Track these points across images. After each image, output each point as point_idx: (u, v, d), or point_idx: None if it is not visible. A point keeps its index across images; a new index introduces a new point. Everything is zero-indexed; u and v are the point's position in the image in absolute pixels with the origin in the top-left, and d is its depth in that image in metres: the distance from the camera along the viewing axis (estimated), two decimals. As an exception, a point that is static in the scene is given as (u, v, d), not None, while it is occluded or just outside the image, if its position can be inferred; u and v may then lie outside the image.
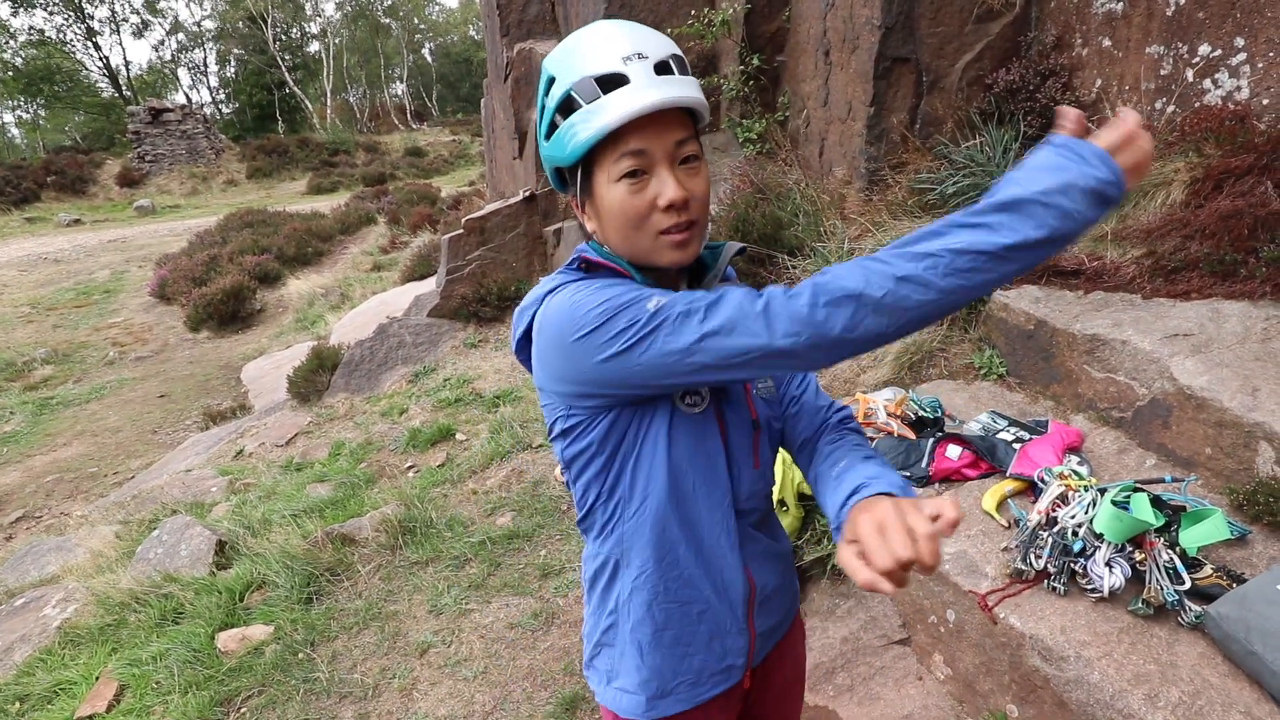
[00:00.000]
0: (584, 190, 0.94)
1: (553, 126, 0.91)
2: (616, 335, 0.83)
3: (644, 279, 0.97)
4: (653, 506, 0.99)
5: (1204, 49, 3.15)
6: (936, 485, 2.43)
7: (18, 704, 2.73)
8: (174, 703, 2.56)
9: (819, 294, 0.76)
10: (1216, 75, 3.12)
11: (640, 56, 0.86)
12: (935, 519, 0.73)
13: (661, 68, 0.87)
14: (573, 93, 0.87)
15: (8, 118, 44.03)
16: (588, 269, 0.97)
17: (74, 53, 37.75)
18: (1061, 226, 0.72)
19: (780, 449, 1.19)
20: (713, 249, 1.06)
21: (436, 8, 52.75)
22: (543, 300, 0.95)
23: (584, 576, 1.15)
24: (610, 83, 0.85)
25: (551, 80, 0.90)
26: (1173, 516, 1.93)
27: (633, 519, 1.01)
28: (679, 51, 0.91)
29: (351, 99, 45.19)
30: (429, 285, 7.88)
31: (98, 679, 2.76)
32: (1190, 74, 3.22)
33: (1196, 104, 3.20)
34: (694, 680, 1.08)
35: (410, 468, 4.40)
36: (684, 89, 0.87)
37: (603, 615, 1.10)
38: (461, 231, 6.80)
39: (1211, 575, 1.79)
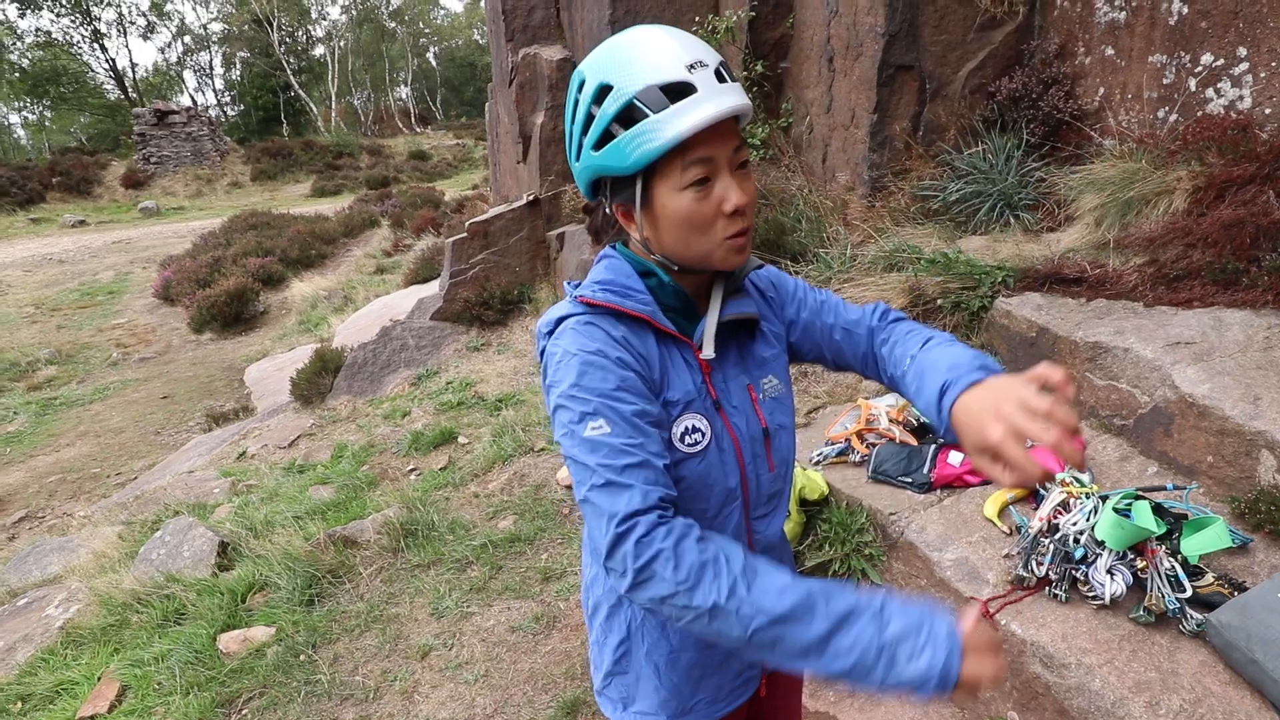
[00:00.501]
0: (642, 199, 0.93)
1: (607, 136, 0.88)
2: (560, 427, 0.91)
3: (671, 290, 0.99)
4: None
5: (1207, 58, 3.16)
6: (938, 491, 2.44)
7: (20, 703, 2.73)
8: (175, 703, 2.57)
9: (673, 574, 0.80)
10: (1219, 85, 3.13)
11: (702, 65, 0.86)
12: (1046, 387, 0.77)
13: (720, 75, 0.87)
14: (636, 101, 0.85)
15: (14, 119, 44.25)
16: (591, 309, 0.96)
17: (80, 54, 37.94)
18: (856, 675, 0.77)
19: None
20: None
21: (441, 12, 52.98)
22: (552, 332, 0.97)
23: (586, 604, 1.15)
24: (677, 92, 0.84)
25: (604, 88, 0.87)
26: (1174, 524, 1.94)
27: None
28: (723, 59, 0.92)
29: (356, 102, 45.34)
30: (432, 288, 7.90)
31: (99, 679, 2.76)
32: (1193, 83, 3.23)
33: (1199, 113, 3.21)
34: (713, 697, 1.08)
35: (412, 470, 4.41)
36: (740, 96, 0.88)
37: (612, 643, 1.10)
38: (465, 235, 6.82)
39: (1213, 583, 1.79)
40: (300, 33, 42.25)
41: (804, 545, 2.56)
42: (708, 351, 0.99)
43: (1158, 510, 1.95)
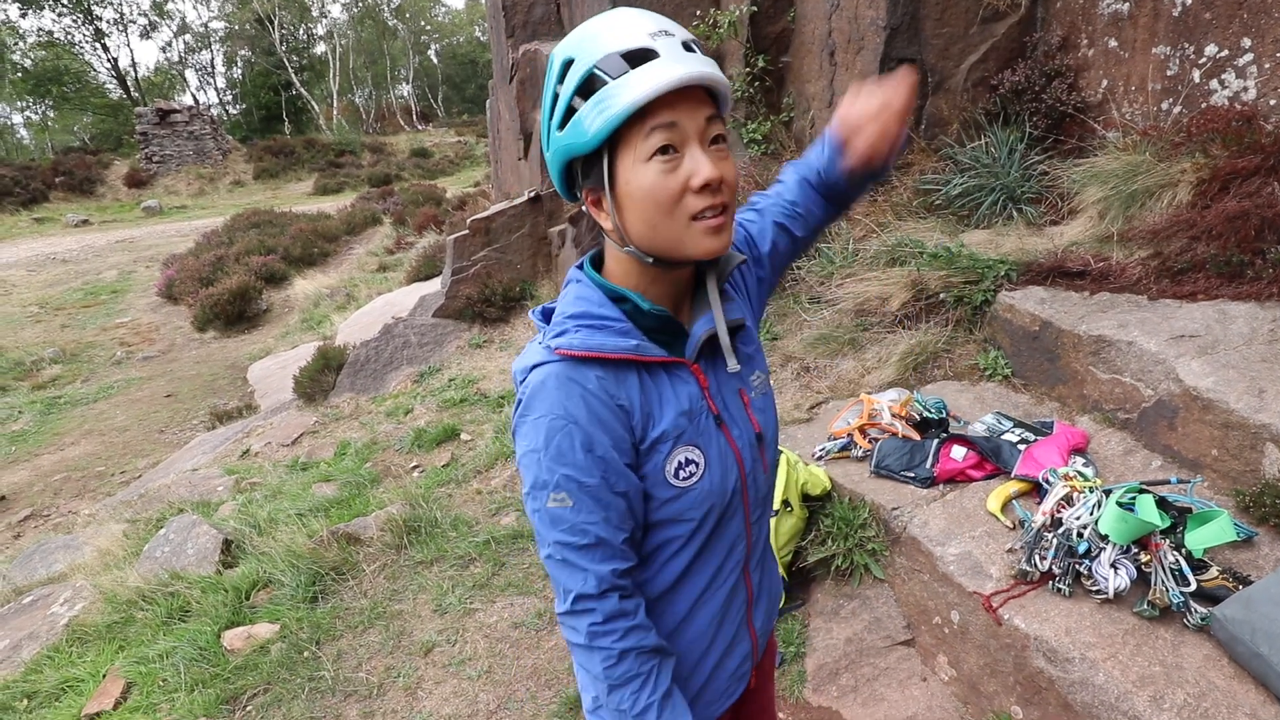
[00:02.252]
0: (607, 179, 0.87)
1: (570, 112, 0.84)
2: (525, 484, 0.92)
3: (651, 315, 0.93)
4: (662, 561, 0.99)
5: (1211, 49, 3.14)
6: (941, 486, 2.43)
7: (25, 700, 2.74)
8: (180, 700, 2.58)
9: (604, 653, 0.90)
10: (1223, 76, 3.11)
11: (667, 34, 0.83)
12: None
13: (687, 46, 0.83)
14: (597, 70, 0.81)
15: (16, 119, 44.33)
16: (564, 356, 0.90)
17: (82, 54, 37.96)
18: None
19: (784, 451, 1.20)
20: None
21: (442, 9, 52.89)
22: (524, 378, 0.93)
23: None
24: (638, 58, 0.80)
25: (568, 63, 0.84)
26: (1178, 518, 1.93)
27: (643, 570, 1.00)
28: (695, 38, 0.88)
29: (357, 100, 45.32)
30: (434, 286, 7.90)
31: (105, 676, 2.77)
32: (1197, 74, 3.21)
33: (1203, 104, 3.19)
34: (709, 700, 1.08)
35: (415, 467, 4.42)
36: (711, 67, 0.84)
37: None
38: (467, 232, 6.82)
39: (1217, 577, 1.78)
40: (301, 31, 42.23)
41: (806, 541, 2.56)
42: (731, 364, 0.97)
43: (1162, 504, 1.95)
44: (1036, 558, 1.95)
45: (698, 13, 5.12)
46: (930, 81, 4.00)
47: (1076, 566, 1.89)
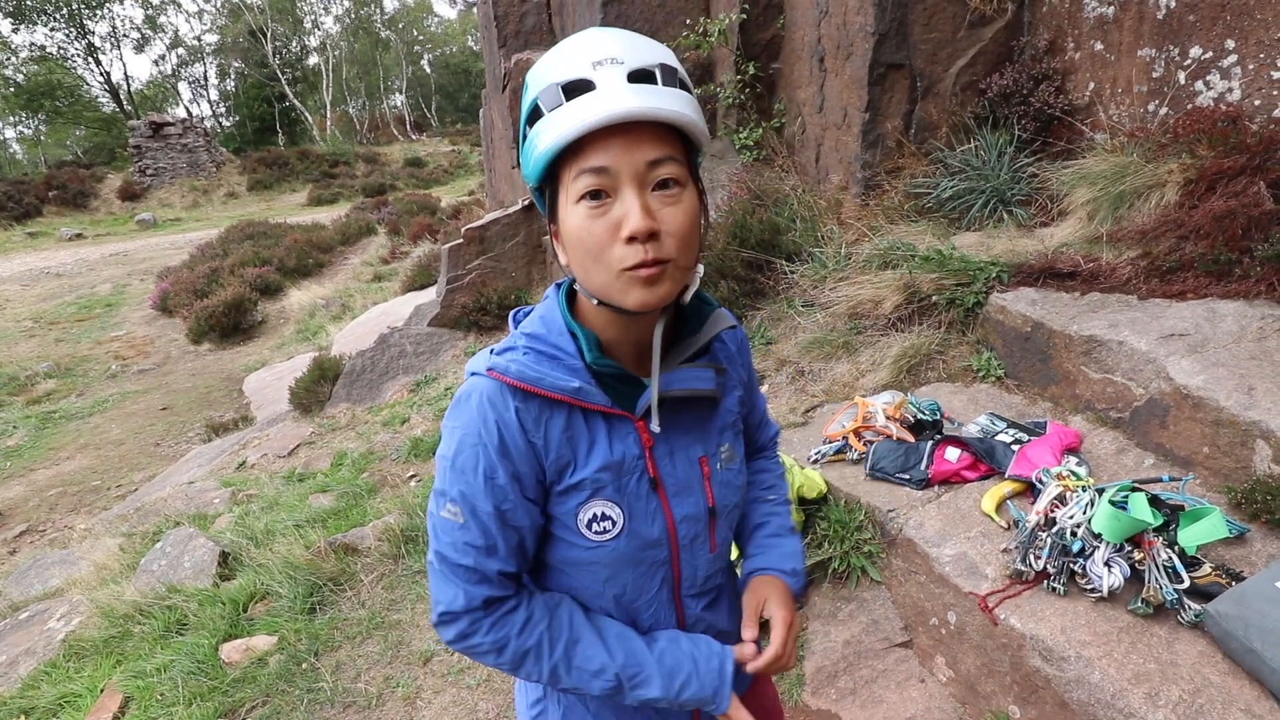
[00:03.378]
0: (551, 213, 0.83)
1: (523, 140, 0.81)
2: (434, 482, 0.90)
3: (597, 364, 0.86)
4: (568, 611, 0.95)
5: (1195, 51, 3.17)
6: (936, 487, 2.44)
7: (23, 717, 2.73)
8: (179, 714, 2.57)
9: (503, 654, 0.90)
10: (1208, 77, 3.14)
11: (614, 61, 0.74)
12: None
13: (639, 75, 0.74)
14: (539, 101, 0.77)
15: (9, 133, 44.30)
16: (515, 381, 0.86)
17: (75, 68, 37.99)
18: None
19: (780, 455, 1.20)
20: (701, 300, 0.94)
21: (435, 19, 53.09)
22: (468, 378, 0.90)
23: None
24: (575, 89, 0.74)
25: (527, 88, 0.81)
26: (1171, 516, 1.94)
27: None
28: (673, 62, 0.79)
29: (351, 111, 45.41)
30: (429, 295, 7.91)
31: (102, 691, 2.76)
32: (1182, 76, 3.24)
33: (1189, 106, 3.22)
34: None
35: (412, 477, 4.41)
36: (662, 100, 0.74)
37: (529, 699, 1.08)
38: (461, 241, 6.84)
39: (1210, 573, 1.79)
40: (294, 43, 42.32)
41: (803, 544, 2.57)
42: (654, 425, 0.88)
43: (1154, 502, 1.96)
44: (1031, 557, 1.96)
45: (688, 20, 5.16)
46: (919, 86, 4.04)
47: (1071, 565, 1.90)
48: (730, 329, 0.96)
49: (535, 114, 0.77)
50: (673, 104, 0.75)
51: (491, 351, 0.89)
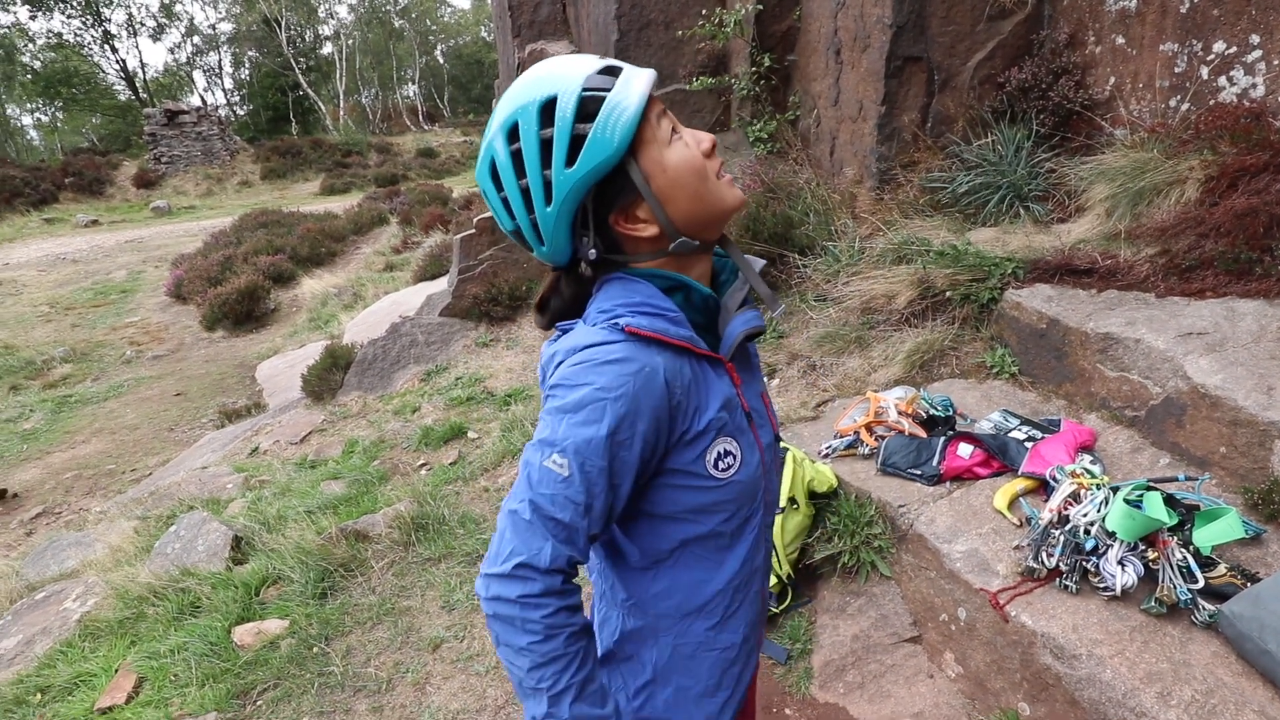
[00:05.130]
0: (631, 188, 0.90)
1: (577, 140, 0.85)
2: (538, 434, 0.90)
3: (700, 301, 0.98)
4: (688, 565, 1.00)
5: (1219, 46, 3.12)
6: (948, 483, 2.43)
7: (39, 695, 2.77)
8: (191, 695, 2.60)
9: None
10: (1232, 72, 3.10)
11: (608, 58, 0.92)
12: None
13: None
14: (587, 92, 0.85)
15: (26, 120, 44.69)
16: (633, 339, 0.89)
17: (91, 56, 38.24)
18: None
19: (790, 449, 1.23)
20: (719, 255, 1.07)
21: (448, 9, 53.02)
22: (566, 358, 0.91)
23: (595, 621, 1.10)
24: (611, 71, 0.88)
25: (550, 102, 0.85)
26: (1186, 515, 1.93)
27: (665, 579, 1.01)
28: None
29: (364, 100, 45.50)
30: (441, 285, 7.93)
31: (117, 671, 2.80)
32: (1205, 71, 3.19)
33: (1211, 101, 3.18)
34: (720, 713, 1.08)
35: (423, 465, 4.44)
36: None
37: (633, 686, 1.05)
38: (473, 231, 6.84)
39: (1225, 574, 1.78)
40: (308, 32, 42.41)
41: (813, 538, 2.56)
42: (777, 311, 1.06)
43: (1169, 501, 1.95)
44: (1043, 555, 1.95)
45: (704, 11, 5.13)
46: (936, 79, 4.00)
47: (1083, 564, 1.89)
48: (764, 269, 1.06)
49: (588, 104, 0.85)
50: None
51: (595, 327, 0.92)
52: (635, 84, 0.86)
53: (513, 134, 0.87)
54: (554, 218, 0.89)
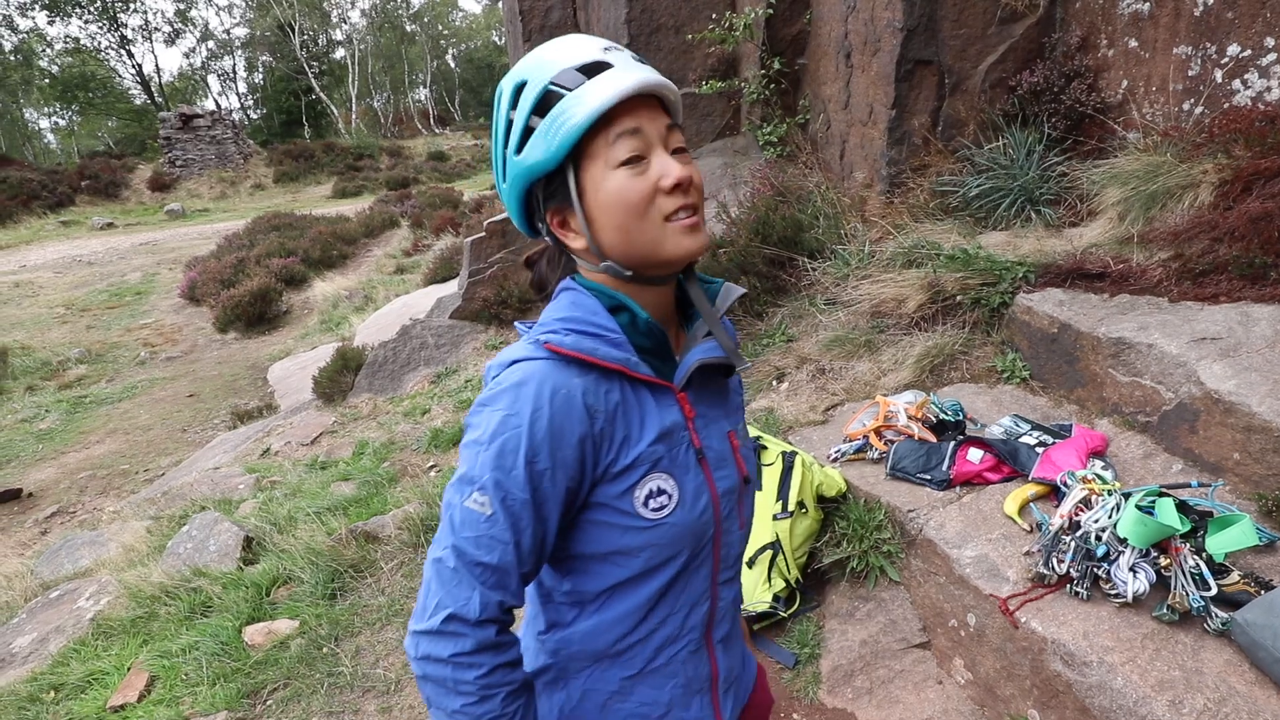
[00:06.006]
0: (574, 196, 0.84)
1: (528, 132, 0.82)
2: (458, 469, 0.84)
3: (645, 326, 0.88)
4: (613, 605, 0.90)
5: (1233, 49, 3.10)
6: (958, 488, 2.42)
7: (52, 693, 2.80)
8: (202, 694, 2.62)
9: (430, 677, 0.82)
10: (1246, 76, 3.07)
11: (617, 49, 0.83)
12: None
13: (638, 60, 0.84)
14: (552, 85, 0.80)
15: (44, 124, 45.28)
16: (555, 357, 0.84)
17: (108, 60, 38.75)
18: None
19: (799, 453, 1.19)
20: (706, 282, 0.98)
21: (460, 14, 53.33)
22: (498, 373, 0.86)
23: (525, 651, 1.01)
24: (593, 70, 0.80)
25: (520, 86, 0.83)
26: (1199, 522, 1.91)
27: (589, 620, 0.92)
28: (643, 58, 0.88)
29: (376, 104, 45.83)
30: (451, 288, 7.97)
31: (129, 670, 2.82)
32: (1219, 74, 3.17)
33: (1225, 105, 3.15)
34: None
35: (432, 467, 4.46)
36: (662, 78, 0.83)
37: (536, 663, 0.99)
38: (483, 234, 6.87)
39: (1239, 581, 1.76)
40: (321, 36, 42.78)
41: (821, 542, 2.56)
42: (738, 365, 0.93)
43: (1182, 507, 1.93)
44: (1054, 561, 1.94)
45: (714, 15, 5.14)
46: (947, 83, 3.99)
47: (1095, 570, 1.88)
48: (742, 295, 0.99)
49: (549, 98, 0.80)
50: (669, 82, 0.85)
51: (525, 342, 0.87)
52: (599, 91, 0.78)
53: (500, 98, 0.87)
54: (506, 195, 0.89)
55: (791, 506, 2.45)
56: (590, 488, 0.85)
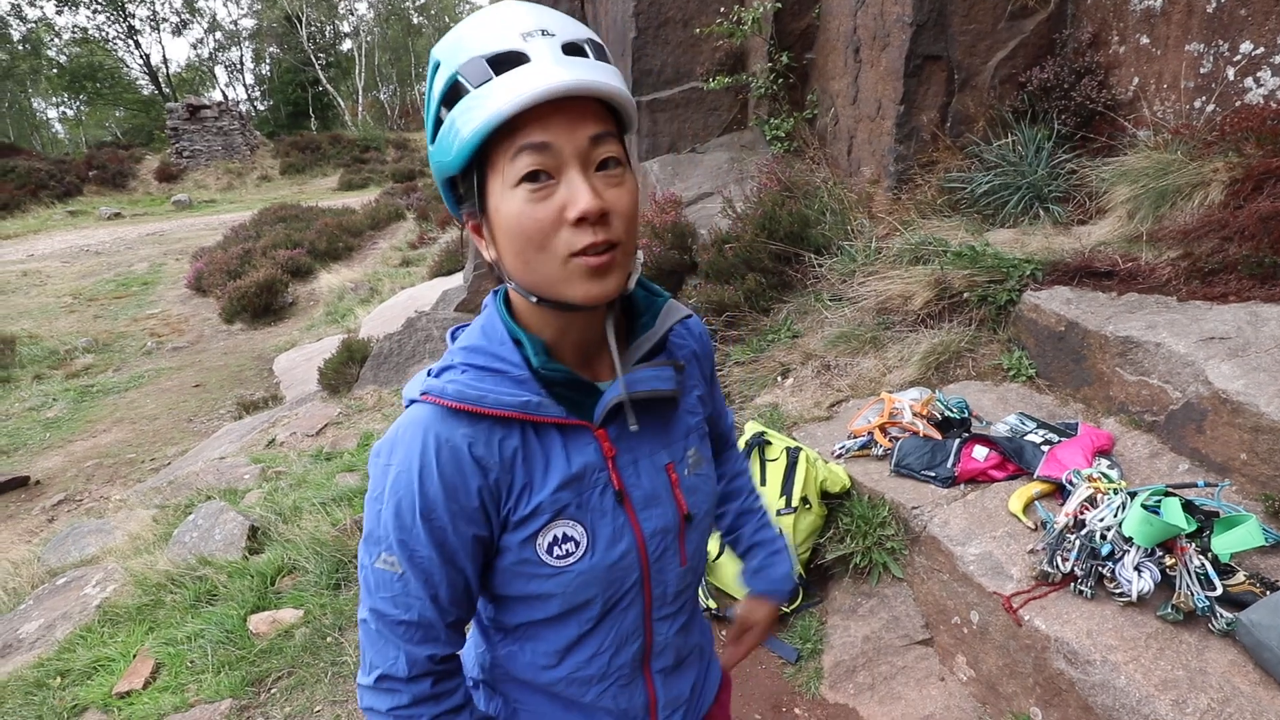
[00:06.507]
0: (479, 204, 0.74)
1: (438, 124, 0.71)
2: (365, 528, 0.82)
3: (546, 371, 0.78)
4: (531, 642, 0.89)
5: (1246, 46, 3.08)
6: (962, 486, 2.42)
7: (59, 678, 2.82)
8: (207, 681, 2.64)
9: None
10: (1259, 74, 3.05)
11: (545, 33, 0.68)
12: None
13: (571, 49, 0.69)
14: (459, 77, 0.68)
15: (52, 114, 45.39)
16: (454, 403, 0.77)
17: (115, 50, 38.78)
18: None
19: (803, 449, 1.20)
20: (649, 291, 0.87)
21: (467, 6, 53.18)
22: (406, 406, 0.81)
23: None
24: (505, 62, 0.67)
25: (436, 67, 0.71)
26: (1205, 522, 1.90)
27: (511, 647, 0.91)
28: (597, 39, 0.73)
29: (382, 96, 45.82)
30: (456, 280, 7.98)
31: (135, 656, 2.84)
32: (1231, 72, 3.15)
33: (1237, 103, 3.13)
34: None
35: (436, 460, 4.46)
36: (600, 74, 0.69)
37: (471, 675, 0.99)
38: (489, 228, 6.87)
39: (1244, 582, 1.76)
40: (328, 28, 42.74)
41: (825, 538, 2.56)
42: (632, 424, 0.82)
43: (1188, 507, 1.92)
44: (1058, 559, 1.93)
45: (722, 9, 5.12)
46: (956, 79, 3.96)
47: (1099, 569, 1.88)
48: (685, 319, 0.89)
49: (455, 92, 0.69)
50: (610, 79, 0.69)
51: (429, 374, 0.80)
52: (499, 96, 0.66)
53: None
54: (432, 166, 0.77)
55: (795, 502, 2.45)
56: (499, 532, 0.81)
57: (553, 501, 0.79)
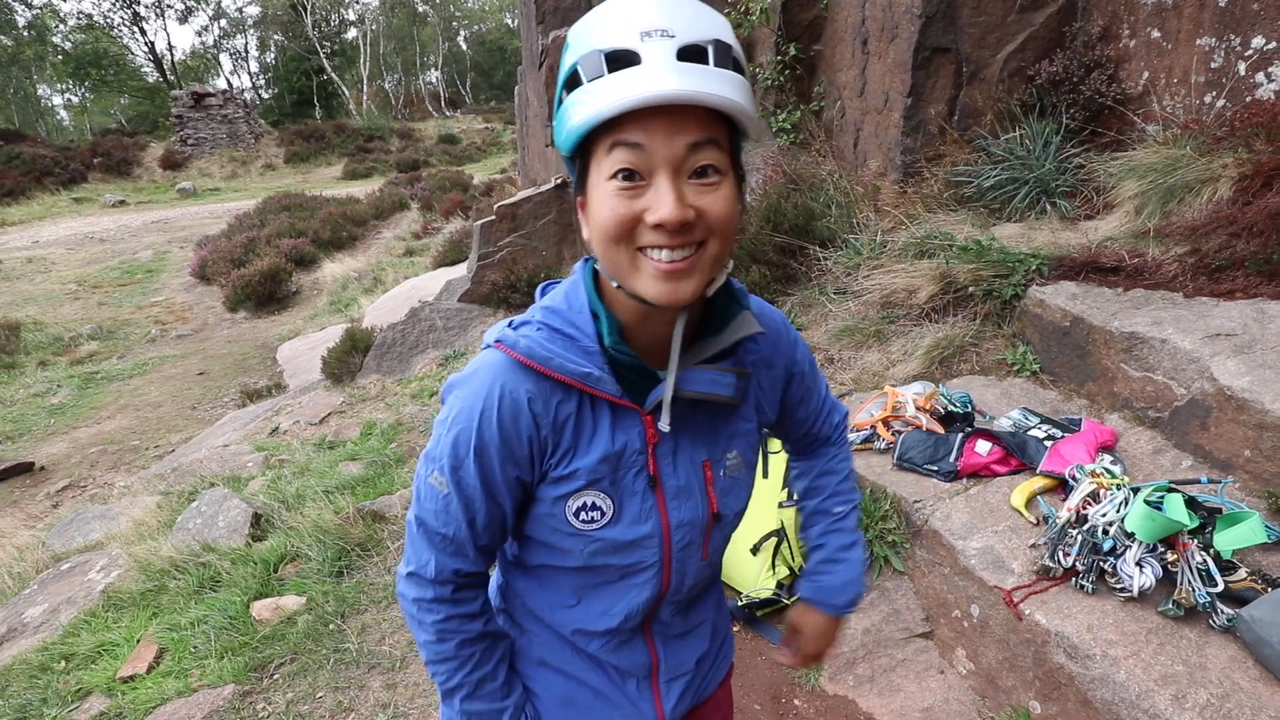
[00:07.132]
0: (580, 185, 0.78)
1: (560, 103, 0.75)
2: (428, 446, 0.90)
3: (613, 350, 0.81)
4: (546, 581, 0.98)
5: (1258, 41, 3.05)
6: (964, 480, 2.41)
7: (64, 662, 2.84)
8: (210, 667, 2.65)
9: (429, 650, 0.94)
10: (1270, 69, 3.02)
11: (665, 34, 0.67)
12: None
13: (689, 52, 0.68)
14: (579, 67, 0.71)
15: (56, 101, 45.36)
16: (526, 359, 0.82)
17: (120, 38, 38.71)
18: None
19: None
20: (732, 298, 0.88)
21: (472, -4, 52.97)
22: (484, 348, 0.87)
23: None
24: (619, 60, 0.68)
25: (568, 50, 0.75)
26: (1208, 518, 1.90)
27: (526, 581, 1.00)
28: (729, 38, 0.72)
29: (387, 86, 45.68)
30: (460, 270, 7.97)
31: (139, 641, 2.86)
32: (1243, 67, 3.12)
33: (1248, 98, 3.10)
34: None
35: (439, 449, 4.47)
36: (712, 84, 0.68)
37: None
38: (493, 218, 6.86)
39: (1246, 579, 1.75)
40: (334, 17, 42.60)
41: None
42: (663, 423, 0.84)
43: (1191, 504, 1.92)
44: (1060, 554, 1.93)
45: (730, 0, 5.08)
46: (965, 71, 3.94)
47: (1101, 564, 1.88)
48: (755, 335, 0.89)
49: (574, 80, 0.71)
50: (721, 88, 0.69)
51: (510, 325, 0.86)
52: (608, 95, 0.68)
53: None
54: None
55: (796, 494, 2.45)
56: (538, 481, 0.87)
57: (590, 471, 0.85)
